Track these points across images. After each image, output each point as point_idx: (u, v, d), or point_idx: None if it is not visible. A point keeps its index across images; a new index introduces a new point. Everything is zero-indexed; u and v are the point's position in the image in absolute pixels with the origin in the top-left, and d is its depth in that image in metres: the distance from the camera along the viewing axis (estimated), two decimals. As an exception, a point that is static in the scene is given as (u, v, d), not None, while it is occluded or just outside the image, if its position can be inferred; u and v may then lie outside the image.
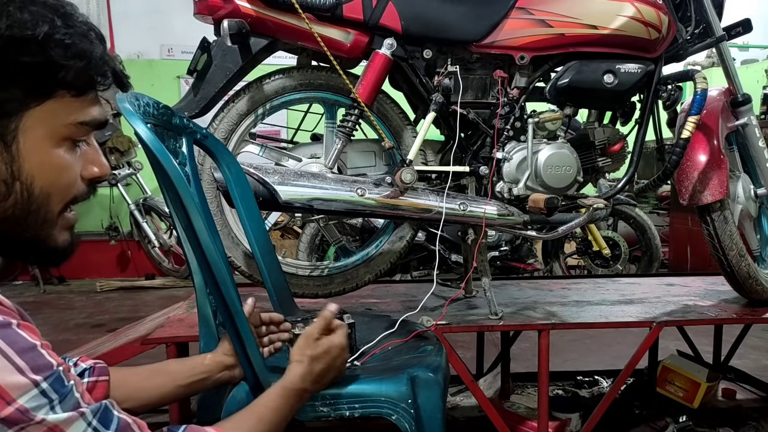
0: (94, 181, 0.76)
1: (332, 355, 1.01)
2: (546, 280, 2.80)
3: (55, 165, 0.70)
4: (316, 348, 1.00)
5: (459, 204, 1.69)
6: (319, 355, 0.99)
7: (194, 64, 1.64)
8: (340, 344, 1.02)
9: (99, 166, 0.76)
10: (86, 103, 0.72)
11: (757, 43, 6.61)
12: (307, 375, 0.98)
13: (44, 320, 4.14)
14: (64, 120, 0.70)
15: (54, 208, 0.71)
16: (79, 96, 0.71)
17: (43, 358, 0.61)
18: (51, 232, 0.72)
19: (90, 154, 0.75)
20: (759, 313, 1.93)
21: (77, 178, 0.74)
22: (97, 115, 0.74)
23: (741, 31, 1.93)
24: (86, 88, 0.71)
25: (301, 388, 0.97)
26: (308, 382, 0.98)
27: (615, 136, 1.87)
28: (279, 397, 0.94)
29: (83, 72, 0.69)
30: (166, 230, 5.31)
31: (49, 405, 0.60)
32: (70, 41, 0.68)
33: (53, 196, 0.70)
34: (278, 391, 0.94)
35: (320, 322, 1.03)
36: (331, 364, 1.01)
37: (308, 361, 0.99)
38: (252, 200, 1.31)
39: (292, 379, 0.97)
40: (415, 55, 1.71)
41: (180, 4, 4.16)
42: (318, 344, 1.00)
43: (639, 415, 2.29)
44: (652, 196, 5.83)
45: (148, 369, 1.04)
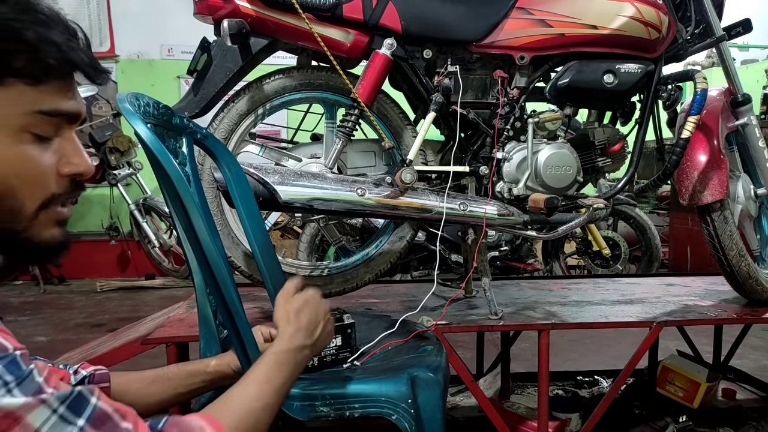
0: (76, 178, 0.72)
1: (313, 304, 0.97)
2: (546, 280, 2.80)
3: (13, 158, 0.66)
4: (294, 302, 0.96)
5: (459, 204, 1.69)
6: (300, 307, 0.96)
7: (194, 64, 1.64)
8: (314, 294, 1.00)
9: (78, 162, 0.72)
10: (47, 92, 0.68)
11: (757, 43, 6.60)
12: (297, 331, 0.93)
13: (44, 320, 4.14)
14: (18, 110, 0.66)
15: (25, 202, 0.68)
16: (35, 85, 0.66)
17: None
18: (29, 226, 0.69)
19: (66, 149, 0.71)
20: (759, 313, 1.93)
21: (49, 173, 0.70)
22: (65, 107, 0.69)
23: (741, 31, 1.93)
24: (43, 77, 0.67)
25: (296, 346, 0.91)
26: (302, 337, 0.93)
27: (615, 136, 1.87)
28: (272, 364, 0.87)
29: (36, 60, 0.65)
30: (166, 230, 5.31)
31: (5, 388, 0.55)
32: (20, 26, 0.64)
33: (18, 190, 0.67)
34: (270, 358, 0.88)
35: (289, 284, 1.00)
36: (316, 312, 0.97)
37: (293, 316, 0.94)
38: (252, 200, 1.31)
39: (283, 340, 0.91)
40: (415, 55, 1.71)
41: (180, 4, 4.16)
42: (294, 298, 0.97)
43: (639, 415, 2.29)
44: (652, 196, 5.83)
45: (151, 375, 1.03)
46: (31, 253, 0.72)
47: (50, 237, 0.71)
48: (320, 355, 1.16)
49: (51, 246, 0.72)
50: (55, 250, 0.73)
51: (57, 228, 0.72)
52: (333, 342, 1.17)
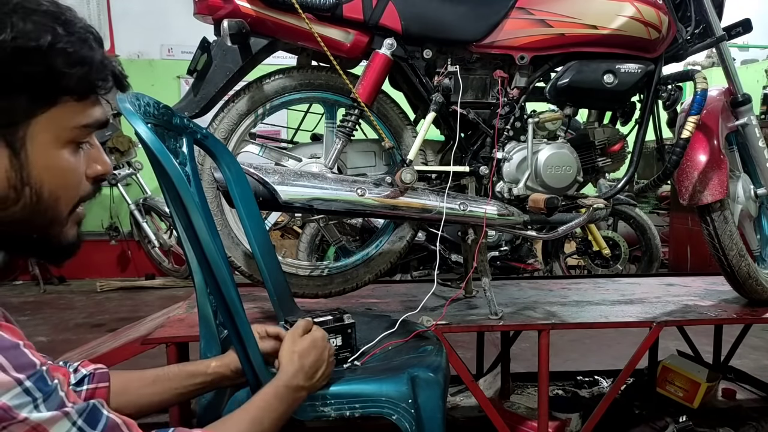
0: (99, 180, 0.78)
1: (318, 348, 1.03)
2: (546, 280, 2.80)
3: (62, 168, 0.71)
4: (301, 344, 1.02)
5: (459, 204, 1.69)
6: (306, 350, 1.01)
7: (194, 64, 1.64)
8: (323, 337, 1.06)
9: (102, 164, 0.77)
10: (88, 106, 0.73)
11: (757, 43, 6.60)
12: (298, 371, 0.99)
13: (44, 320, 4.14)
14: (68, 124, 0.71)
15: (63, 209, 0.73)
16: (82, 100, 0.72)
17: (26, 357, 0.61)
18: (61, 230, 0.74)
19: (93, 153, 0.77)
20: (759, 313, 1.93)
21: (83, 178, 0.75)
22: (99, 116, 0.75)
23: (741, 31, 1.93)
24: (88, 92, 0.73)
25: (295, 385, 0.97)
26: (301, 378, 0.99)
27: (615, 136, 1.87)
28: (272, 397, 0.94)
29: (85, 77, 0.70)
30: (166, 230, 5.31)
31: (33, 403, 0.59)
32: (72, 49, 0.69)
33: (62, 198, 0.72)
34: (272, 391, 0.95)
35: (300, 324, 1.06)
36: (320, 357, 1.03)
37: (297, 357, 1.00)
38: (252, 200, 1.31)
39: (284, 377, 0.97)
40: (415, 55, 1.71)
41: (180, 4, 4.16)
42: (302, 340, 1.03)
43: (639, 415, 2.29)
44: (652, 196, 5.83)
45: (152, 375, 1.03)
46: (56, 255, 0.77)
47: (73, 238, 0.76)
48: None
49: (74, 245, 0.77)
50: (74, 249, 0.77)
51: (76, 228, 0.77)
52: (333, 342, 1.17)
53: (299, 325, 1.06)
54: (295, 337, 1.04)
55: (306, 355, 1.01)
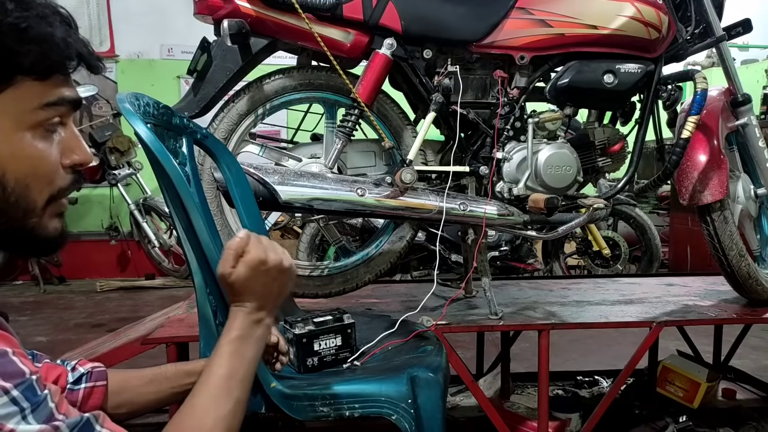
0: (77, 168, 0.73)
1: (258, 273, 0.83)
2: (546, 280, 2.80)
3: (27, 155, 0.67)
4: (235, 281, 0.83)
5: (459, 204, 1.69)
6: (243, 284, 0.83)
7: (194, 64, 1.64)
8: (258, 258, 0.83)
9: (80, 153, 0.72)
10: (51, 86, 0.68)
11: (757, 43, 6.60)
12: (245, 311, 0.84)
13: (44, 320, 4.14)
14: (29, 106, 0.67)
15: (36, 198, 0.68)
16: (43, 80, 0.67)
17: (14, 366, 0.58)
18: (39, 222, 0.70)
19: (68, 140, 0.72)
20: (759, 313, 1.93)
21: (57, 166, 0.70)
22: (67, 94, 0.70)
23: (741, 31, 1.93)
24: (49, 72, 0.68)
25: (247, 326, 0.83)
26: (252, 312, 0.84)
27: (615, 136, 1.87)
28: (225, 358, 0.80)
29: (43, 56, 0.66)
30: (166, 230, 5.31)
31: (20, 414, 0.57)
32: (25, 25, 0.64)
33: (32, 186, 0.68)
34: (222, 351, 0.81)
35: (227, 254, 0.83)
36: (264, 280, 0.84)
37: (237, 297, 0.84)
38: (252, 200, 1.31)
39: (230, 326, 0.83)
40: (415, 55, 1.71)
41: (180, 4, 4.17)
42: (235, 275, 0.83)
43: (639, 415, 2.29)
44: (652, 196, 5.83)
45: (149, 374, 1.03)
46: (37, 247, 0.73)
47: (54, 230, 0.72)
48: (320, 355, 1.16)
49: (55, 238, 0.72)
50: (59, 243, 0.73)
51: (58, 220, 0.73)
52: (333, 342, 1.17)
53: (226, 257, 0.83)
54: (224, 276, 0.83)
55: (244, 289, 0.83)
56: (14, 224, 0.68)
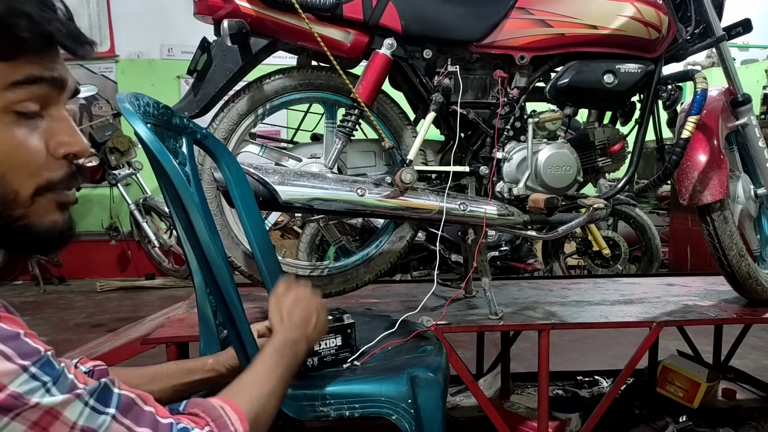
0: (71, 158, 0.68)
1: (303, 301, 1.05)
2: (546, 280, 2.80)
3: None
4: (285, 302, 1.03)
5: (459, 204, 1.69)
6: (291, 306, 1.03)
7: (194, 64, 1.64)
8: (305, 290, 1.08)
9: (71, 141, 0.68)
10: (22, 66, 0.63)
11: (757, 43, 6.60)
12: (290, 327, 1.00)
13: (44, 320, 4.14)
14: None
15: (17, 188, 0.64)
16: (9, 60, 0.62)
17: (27, 345, 0.59)
18: (25, 212, 0.65)
19: (57, 128, 0.67)
20: (759, 313, 1.93)
21: (39, 154, 0.66)
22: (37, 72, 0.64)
23: (741, 31, 1.93)
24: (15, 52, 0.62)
25: (292, 338, 0.98)
26: (295, 332, 0.99)
27: (615, 136, 1.87)
28: (274, 355, 0.93)
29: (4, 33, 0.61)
30: (166, 230, 5.31)
31: (43, 388, 0.58)
32: None
33: (9, 175, 0.63)
34: (272, 350, 0.94)
35: (279, 286, 1.08)
36: (308, 308, 1.04)
37: (286, 314, 1.01)
38: (252, 200, 1.31)
39: (278, 335, 0.98)
40: (415, 55, 1.71)
41: (180, 4, 4.17)
42: (285, 298, 1.04)
43: (639, 415, 2.29)
44: (652, 196, 5.83)
45: (150, 372, 1.03)
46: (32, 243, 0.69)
47: (50, 223, 0.68)
48: (320, 355, 1.16)
49: (52, 233, 0.68)
50: (58, 238, 0.69)
51: (58, 213, 0.69)
52: (333, 342, 1.17)
53: (279, 288, 1.08)
54: (277, 298, 1.05)
55: (292, 310, 1.02)
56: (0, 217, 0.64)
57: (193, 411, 0.75)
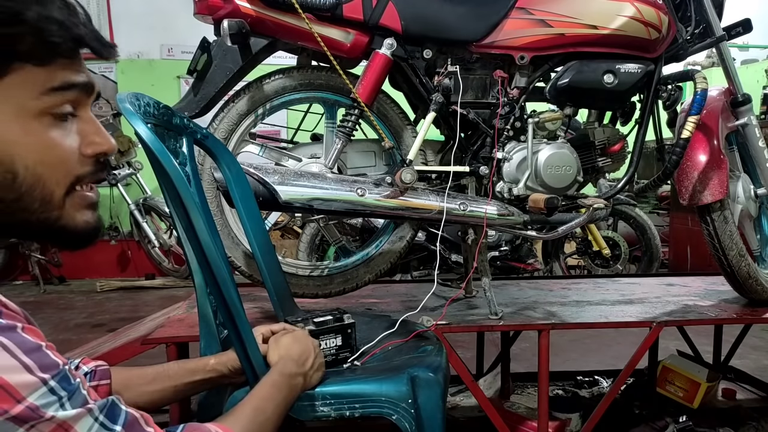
0: (100, 158, 0.71)
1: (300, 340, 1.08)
2: (546, 280, 2.80)
3: (35, 143, 0.65)
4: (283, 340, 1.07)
5: (459, 204, 1.69)
6: (288, 344, 1.06)
7: (194, 64, 1.64)
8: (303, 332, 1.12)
9: (100, 141, 0.71)
10: (55, 69, 0.66)
11: (757, 43, 6.60)
12: (287, 361, 1.02)
13: (44, 320, 4.14)
14: (31, 92, 0.65)
15: (52, 188, 0.67)
16: (44, 65, 0.65)
17: (49, 358, 0.61)
18: (61, 213, 0.69)
19: (87, 129, 0.70)
20: (759, 313, 1.93)
21: (73, 155, 0.69)
22: (72, 78, 0.67)
23: (741, 31, 1.93)
24: (50, 57, 0.65)
25: (288, 372, 1.01)
26: (292, 366, 1.02)
27: (615, 136, 1.87)
28: (270, 386, 0.96)
29: (41, 41, 0.64)
30: (166, 230, 5.31)
31: (59, 402, 0.60)
32: (19, 9, 0.62)
33: (45, 175, 0.66)
34: (268, 381, 0.98)
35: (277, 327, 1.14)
36: (305, 348, 1.07)
37: (283, 351, 1.04)
38: (252, 200, 1.31)
39: (276, 368, 1.01)
40: (415, 55, 1.71)
41: (180, 4, 4.16)
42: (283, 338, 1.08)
43: (639, 415, 2.29)
44: (652, 196, 5.83)
45: (152, 372, 1.03)
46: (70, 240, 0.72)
47: (84, 222, 0.72)
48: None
49: (87, 230, 0.73)
50: (91, 235, 0.74)
51: (89, 211, 0.72)
52: (333, 342, 1.17)
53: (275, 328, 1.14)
54: (276, 338, 1.09)
55: (290, 347, 1.05)
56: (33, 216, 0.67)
57: None
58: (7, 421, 0.56)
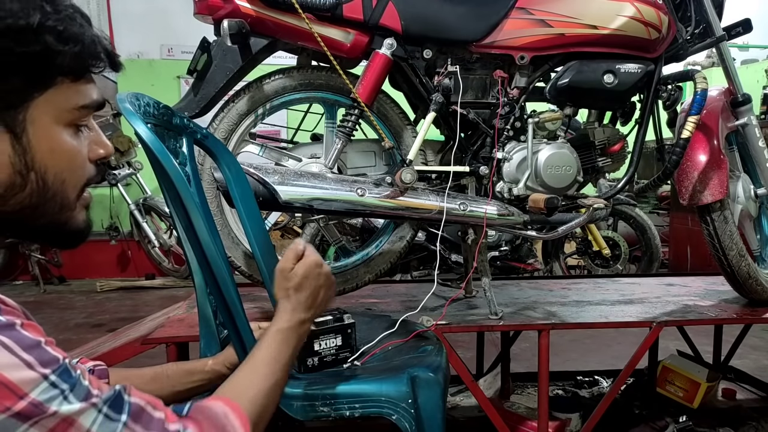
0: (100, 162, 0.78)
1: (312, 275, 0.96)
2: (546, 280, 2.80)
3: (65, 151, 0.71)
4: (293, 278, 0.95)
5: (459, 204, 1.69)
6: (300, 282, 0.95)
7: (194, 64, 1.64)
8: (315, 262, 0.97)
9: (103, 147, 0.77)
10: (84, 86, 0.73)
11: (757, 43, 6.61)
12: (296, 307, 0.95)
13: (45, 320, 4.14)
14: (66, 105, 0.71)
15: (70, 193, 0.73)
16: (77, 80, 0.72)
17: (48, 353, 0.62)
18: (71, 215, 0.74)
19: (93, 136, 0.77)
20: (759, 313, 1.93)
21: (86, 161, 0.75)
22: (96, 97, 0.75)
23: (741, 31, 1.93)
24: (83, 72, 0.72)
25: (295, 322, 0.94)
26: (301, 311, 0.95)
27: (615, 136, 1.87)
28: (274, 343, 0.90)
29: (78, 56, 0.70)
30: (166, 230, 5.31)
31: (62, 395, 0.60)
32: (62, 27, 0.68)
33: (68, 181, 0.72)
34: (272, 337, 0.91)
35: (289, 254, 0.98)
36: (316, 284, 0.97)
37: (292, 292, 0.95)
38: (252, 200, 1.31)
39: (281, 318, 0.94)
40: (415, 55, 1.71)
41: (180, 4, 4.17)
42: (293, 273, 0.96)
43: (639, 415, 2.29)
44: (652, 196, 5.83)
45: (150, 373, 1.04)
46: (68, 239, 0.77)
47: (83, 222, 0.77)
48: (320, 355, 1.16)
49: (84, 230, 0.77)
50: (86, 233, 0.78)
51: (85, 212, 0.78)
52: (333, 342, 1.17)
53: (288, 256, 0.97)
54: (285, 271, 0.96)
55: (300, 287, 0.95)
56: (50, 219, 0.72)
57: (198, 418, 0.74)
58: (10, 418, 0.56)
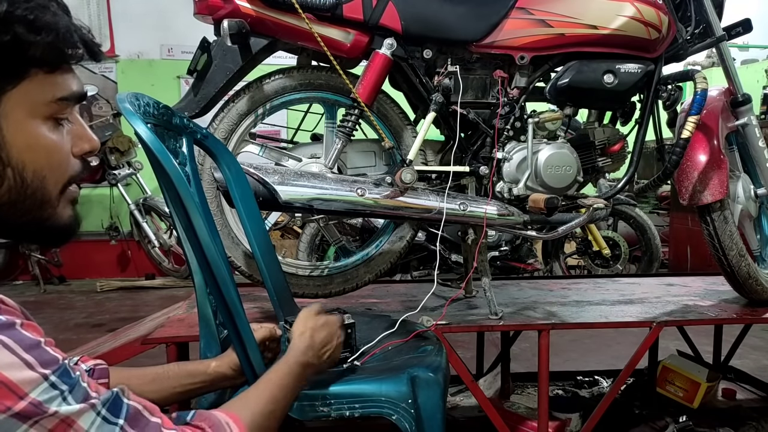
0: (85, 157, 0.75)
1: (331, 328, 1.06)
2: (546, 280, 2.80)
3: (43, 146, 0.68)
4: (317, 320, 1.05)
5: (459, 204, 1.69)
6: (319, 327, 1.04)
7: (194, 64, 1.64)
8: (336, 320, 1.08)
9: (87, 141, 0.74)
10: (61, 77, 0.70)
11: (757, 43, 6.60)
12: (309, 348, 1.01)
13: (45, 320, 4.14)
14: (42, 99, 0.68)
15: (51, 189, 0.70)
16: (53, 72, 0.68)
17: (48, 354, 0.62)
18: (54, 212, 0.72)
19: (76, 130, 0.73)
20: (759, 313, 1.93)
21: (68, 156, 0.72)
22: (76, 88, 0.71)
23: (741, 31, 1.93)
24: (58, 62, 0.69)
25: (304, 361, 0.99)
26: (311, 356, 1.00)
27: (615, 136, 1.87)
28: (284, 373, 0.95)
29: (52, 46, 0.66)
30: (166, 230, 5.31)
31: (61, 396, 0.60)
32: (33, 16, 0.65)
33: (48, 177, 0.69)
34: (283, 367, 0.96)
35: (315, 305, 1.09)
36: (331, 337, 1.05)
37: (310, 332, 1.02)
38: (252, 200, 1.31)
39: (296, 352, 0.99)
40: (415, 55, 1.71)
41: (180, 4, 4.16)
42: (318, 317, 1.06)
43: (639, 415, 2.29)
44: (652, 196, 5.83)
45: (151, 373, 1.03)
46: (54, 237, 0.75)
47: (69, 218, 0.74)
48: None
49: (71, 227, 0.74)
50: (73, 230, 0.75)
51: (72, 208, 0.75)
52: (333, 342, 1.18)
53: (313, 306, 1.09)
54: (310, 313, 1.06)
55: (319, 331, 1.03)
56: (29, 216, 0.70)
57: (200, 425, 0.75)
58: (10, 418, 0.56)
